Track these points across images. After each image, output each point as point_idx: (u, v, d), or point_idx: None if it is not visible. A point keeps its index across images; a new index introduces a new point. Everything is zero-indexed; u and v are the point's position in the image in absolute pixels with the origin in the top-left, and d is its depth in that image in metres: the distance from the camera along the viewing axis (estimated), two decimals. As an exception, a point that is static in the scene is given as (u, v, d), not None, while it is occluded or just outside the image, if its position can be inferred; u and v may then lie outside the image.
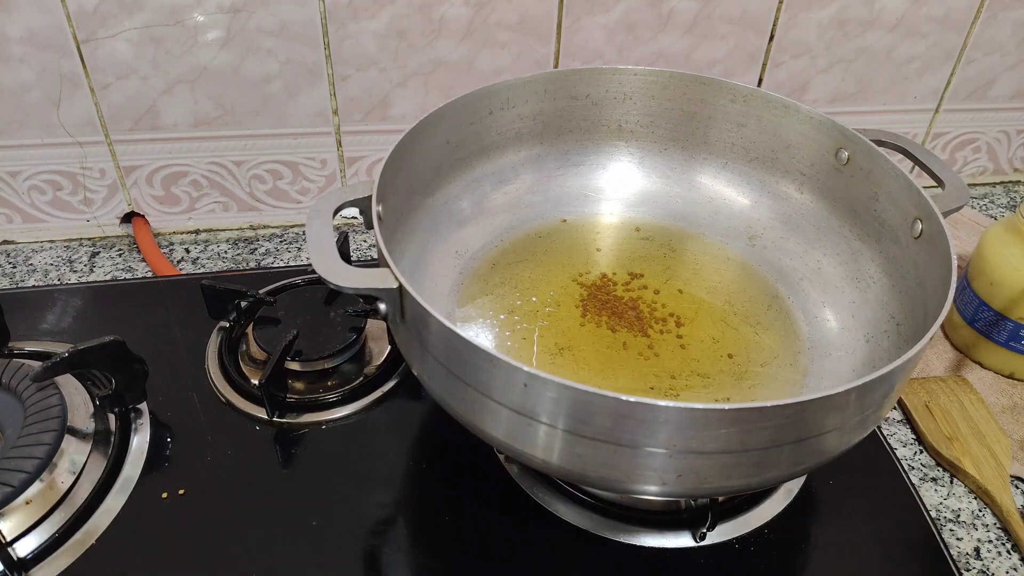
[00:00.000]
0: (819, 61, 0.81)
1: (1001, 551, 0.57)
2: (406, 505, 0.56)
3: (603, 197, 0.71)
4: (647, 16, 0.76)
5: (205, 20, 0.70)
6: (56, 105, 0.72)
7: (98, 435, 0.57)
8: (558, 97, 0.67)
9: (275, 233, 0.84)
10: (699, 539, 0.54)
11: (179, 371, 0.64)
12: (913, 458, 0.63)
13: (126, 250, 0.81)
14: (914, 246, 0.55)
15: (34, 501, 0.52)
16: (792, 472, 0.47)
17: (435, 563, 0.53)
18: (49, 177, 0.77)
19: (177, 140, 0.76)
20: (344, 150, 0.80)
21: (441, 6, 0.72)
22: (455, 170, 0.65)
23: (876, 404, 0.45)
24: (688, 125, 0.68)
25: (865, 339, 0.58)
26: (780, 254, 0.67)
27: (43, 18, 0.68)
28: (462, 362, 0.44)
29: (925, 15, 0.80)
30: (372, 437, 0.60)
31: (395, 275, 0.45)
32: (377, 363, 0.66)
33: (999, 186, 0.96)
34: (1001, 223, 0.69)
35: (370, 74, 0.75)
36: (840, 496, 0.58)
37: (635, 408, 0.39)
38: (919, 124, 0.89)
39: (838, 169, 0.62)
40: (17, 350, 0.64)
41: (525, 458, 0.46)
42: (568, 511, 0.56)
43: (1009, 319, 0.67)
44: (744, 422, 0.40)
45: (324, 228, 0.49)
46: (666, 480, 0.43)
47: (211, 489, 0.56)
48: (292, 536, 0.54)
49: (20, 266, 0.78)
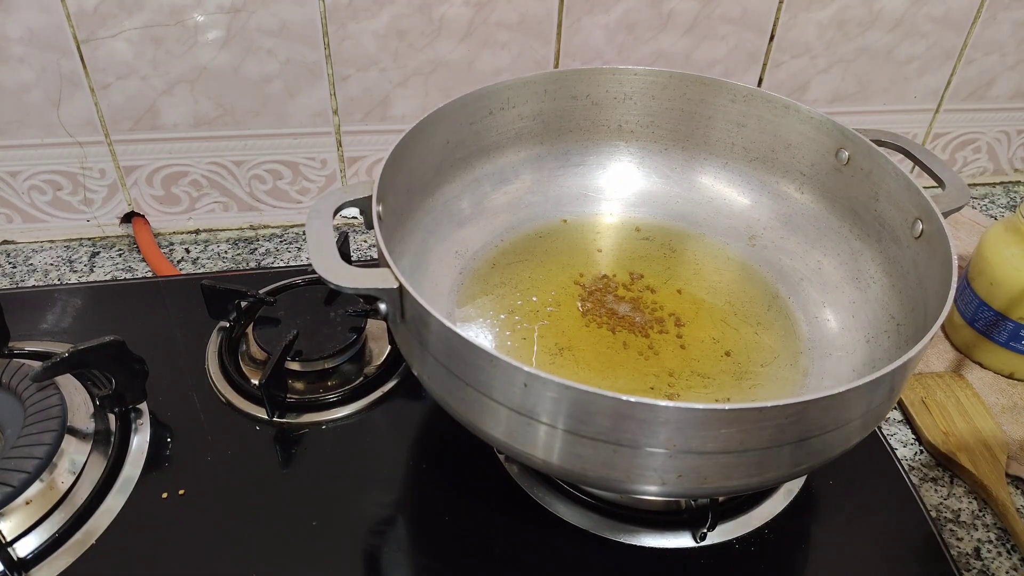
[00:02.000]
0: (819, 61, 0.81)
1: (1001, 551, 0.57)
2: (406, 505, 0.56)
3: (603, 197, 0.71)
4: (647, 16, 0.76)
5: (205, 20, 0.70)
6: (56, 105, 0.72)
7: (98, 435, 0.57)
8: (558, 97, 0.67)
9: (275, 233, 0.84)
10: (699, 539, 0.54)
11: (179, 371, 0.64)
12: (913, 458, 0.63)
13: (126, 250, 0.81)
14: (914, 246, 0.55)
15: (34, 501, 0.52)
16: (792, 472, 0.47)
17: (435, 563, 0.53)
18: (49, 177, 0.77)
19: (177, 140, 0.76)
20: (344, 150, 0.80)
21: (441, 6, 0.72)
22: (455, 170, 0.65)
23: (876, 404, 0.45)
24: (688, 125, 0.68)
25: (865, 339, 0.58)
26: (780, 254, 0.67)
27: (43, 18, 0.68)
28: (462, 362, 0.44)
29: (925, 15, 0.80)
30: (372, 437, 0.60)
31: (395, 275, 0.45)
32: (377, 363, 0.66)
33: (999, 186, 0.96)
34: (1001, 223, 0.69)
35: (370, 74, 0.75)
36: (840, 496, 0.58)
37: (635, 408, 0.39)
38: (919, 124, 0.89)
39: (838, 169, 0.62)
40: (17, 350, 0.64)
41: (525, 458, 0.46)
42: (568, 511, 0.56)
43: (1009, 319, 0.67)
44: (744, 422, 0.40)
45: (324, 228, 0.49)
46: (666, 480, 0.43)
47: (211, 489, 0.56)
48: (292, 536, 0.54)
49: (20, 266, 0.78)
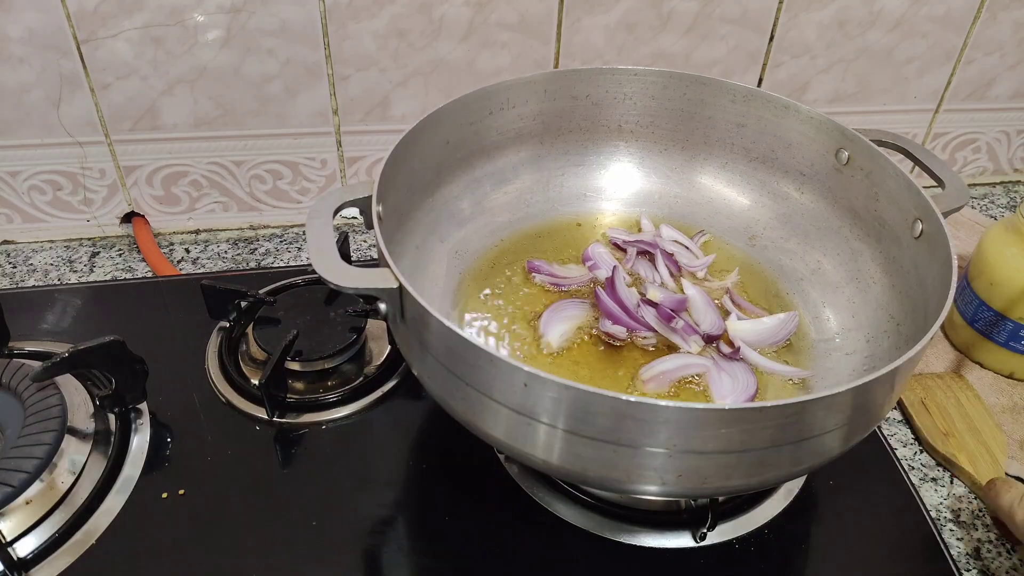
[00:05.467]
0: (819, 61, 0.81)
1: (1001, 551, 0.57)
2: (406, 505, 0.56)
3: (603, 197, 0.71)
4: (647, 16, 0.76)
5: (205, 20, 0.70)
6: (56, 105, 0.72)
7: (98, 435, 0.58)
8: (558, 97, 0.67)
9: (275, 233, 0.84)
10: (699, 539, 0.54)
11: (179, 371, 0.64)
12: (913, 458, 0.63)
13: (126, 250, 0.81)
14: (914, 246, 0.55)
15: (34, 501, 0.52)
16: (792, 472, 0.47)
17: (435, 563, 0.53)
18: (49, 177, 0.77)
19: (177, 140, 0.76)
20: (344, 150, 0.80)
21: (441, 6, 0.72)
22: (455, 170, 0.65)
23: (876, 404, 0.45)
24: (688, 125, 0.68)
25: (865, 339, 0.58)
26: (780, 254, 0.67)
27: (43, 18, 0.68)
28: (462, 362, 0.44)
29: (925, 15, 0.80)
30: (372, 437, 0.60)
31: (395, 275, 0.45)
32: (377, 363, 0.66)
33: (999, 186, 0.96)
34: (1001, 223, 0.69)
35: (370, 74, 0.75)
36: (840, 496, 0.58)
37: (635, 408, 0.39)
38: (919, 124, 0.89)
39: (838, 169, 0.62)
40: (17, 350, 0.64)
41: (525, 458, 0.46)
42: (568, 511, 0.56)
43: (1009, 319, 0.67)
44: (744, 422, 0.40)
45: (324, 228, 0.49)
46: (666, 480, 0.43)
47: (211, 489, 0.56)
48: (292, 536, 0.54)
49: (20, 266, 0.78)
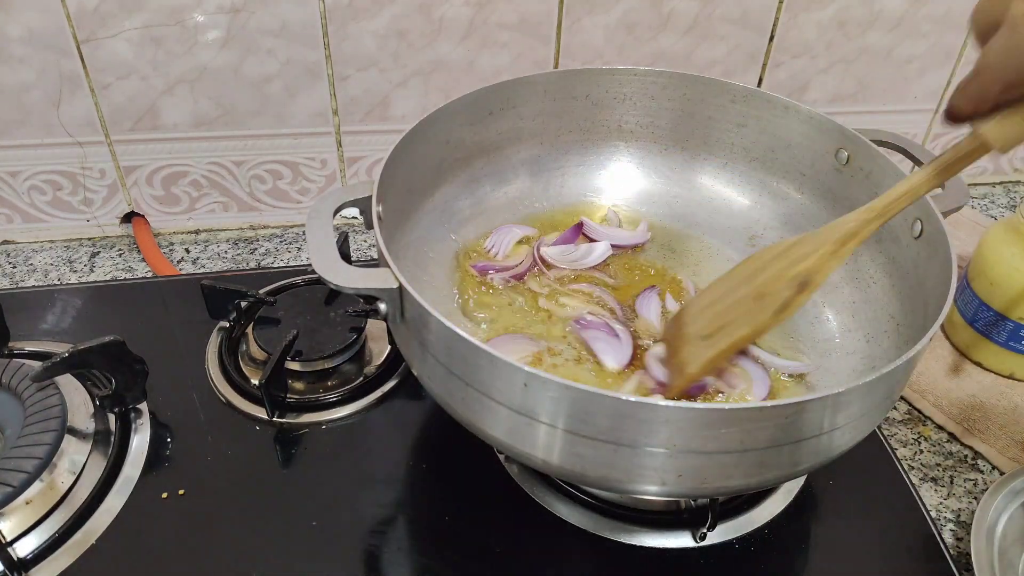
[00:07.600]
0: (819, 61, 0.81)
1: (1001, 551, 0.57)
2: (406, 505, 0.56)
3: (603, 197, 0.71)
4: (647, 16, 0.76)
5: (205, 20, 0.70)
6: (56, 105, 0.72)
7: (98, 435, 0.58)
8: (558, 97, 0.67)
9: (275, 233, 0.84)
10: (699, 539, 0.54)
11: (179, 371, 0.64)
12: (913, 458, 0.63)
13: (126, 250, 0.81)
14: (914, 246, 0.55)
15: (34, 501, 0.52)
16: (792, 472, 0.47)
17: (435, 563, 0.53)
18: (49, 177, 0.77)
19: (177, 140, 0.76)
20: (344, 150, 0.80)
21: (441, 6, 0.72)
22: (455, 170, 0.65)
23: (876, 404, 0.45)
24: (688, 125, 0.68)
25: (865, 339, 0.58)
26: (780, 254, 0.66)
27: (43, 18, 0.68)
28: (462, 362, 0.44)
29: (925, 15, 0.80)
30: (372, 437, 0.60)
31: (395, 275, 0.45)
32: (377, 363, 0.66)
33: (999, 186, 0.96)
34: (1001, 223, 0.68)
35: (370, 74, 0.75)
36: (840, 496, 0.58)
37: (635, 408, 0.40)
38: (919, 124, 0.89)
39: (838, 169, 0.62)
40: (17, 350, 0.64)
41: (525, 458, 0.46)
42: (568, 511, 0.56)
43: (1009, 319, 0.66)
44: (744, 422, 0.40)
45: (324, 228, 0.49)
46: (666, 480, 0.43)
47: (211, 489, 0.56)
48: (292, 536, 0.54)
49: (20, 266, 0.78)
